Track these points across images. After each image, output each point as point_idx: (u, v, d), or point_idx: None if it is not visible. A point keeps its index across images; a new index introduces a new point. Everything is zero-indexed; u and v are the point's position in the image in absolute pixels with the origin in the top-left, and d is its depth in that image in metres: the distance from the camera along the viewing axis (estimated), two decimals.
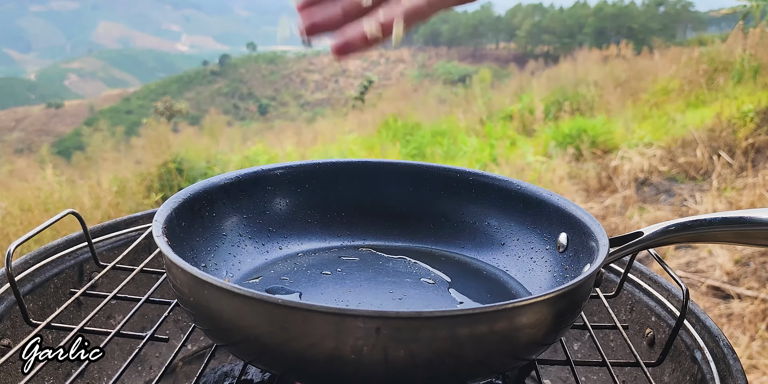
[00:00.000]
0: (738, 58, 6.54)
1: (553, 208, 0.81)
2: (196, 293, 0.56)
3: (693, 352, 0.75)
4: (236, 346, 0.57)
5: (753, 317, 2.45)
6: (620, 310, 0.92)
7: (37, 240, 2.88)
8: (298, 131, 10.14)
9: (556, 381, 0.98)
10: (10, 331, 0.76)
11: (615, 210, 3.90)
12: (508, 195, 0.87)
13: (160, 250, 0.61)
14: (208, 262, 0.77)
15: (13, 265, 0.77)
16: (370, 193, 0.93)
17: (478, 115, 7.64)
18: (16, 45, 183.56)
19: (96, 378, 0.89)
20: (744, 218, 0.68)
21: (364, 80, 28.39)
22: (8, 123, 52.72)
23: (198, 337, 1.05)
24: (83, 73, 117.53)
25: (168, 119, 18.19)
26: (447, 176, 0.92)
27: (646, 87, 7.42)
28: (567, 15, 67.03)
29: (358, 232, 0.93)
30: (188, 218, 0.75)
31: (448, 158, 5.81)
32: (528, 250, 0.84)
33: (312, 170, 0.91)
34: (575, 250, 0.75)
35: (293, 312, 0.50)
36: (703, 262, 2.96)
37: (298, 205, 0.90)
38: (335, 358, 0.52)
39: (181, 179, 4.83)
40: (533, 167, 4.81)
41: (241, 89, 66.35)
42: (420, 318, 0.50)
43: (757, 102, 4.98)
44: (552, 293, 0.55)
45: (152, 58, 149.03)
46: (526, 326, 0.54)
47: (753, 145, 4.38)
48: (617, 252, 0.70)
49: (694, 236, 0.70)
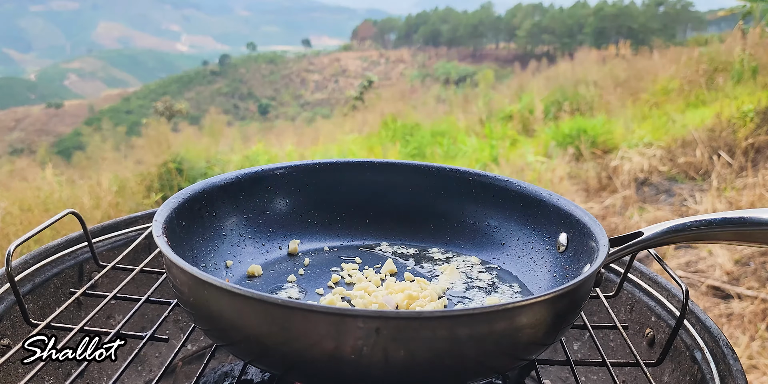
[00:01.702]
0: (737, 58, 6.54)
1: (553, 208, 0.81)
2: (196, 293, 0.56)
3: (693, 352, 0.75)
4: (236, 346, 0.57)
5: (753, 317, 2.44)
6: (620, 310, 0.92)
7: (37, 240, 2.88)
8: (298, 131, 10.15)
9: (556, 381, 0.98)
10: (10, 331, 0.76)
11: (615, 210, 3.90)
12: (508, 195, 0.87)
13: (160, 250, 0.61)
14: (208, 262, 0.77)
15: (13, 265, 0.77)
16: (370, 193, 0.93)
17: (478, 115, 7.64)
18: (16, 45, 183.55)
19: (96, 378, 0.89)
20: (744, 218, 0.68)
21: (364, 80, 28.37)
22: (8, 123, 52.70)
23: (198, 337, 1.04)
24: (83, 73, 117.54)
25: (168, 119, 18.18)
26: (447, 176, 0.92)
27: (646, 87, 7.41)
28: (567, 15, 67.03)
29: (358, 232, 0.93)
30: (188, 218, 0.75)
31: (448, 158, 5.81)
32: (528, 250, 0.84)
33: (312, 170, 0.91)
34: (575, 250, 0.75)
35: (293, 312, 0.50)
36: (703, 262, 2.96)
37: (298, 205, 0.91)
38: (335, 358, 0.52)
39: (181, 179, 4.83)
40: (533, 167, 4.81)
41: (241, 89, 66.35)
42: (420, 318, 0.50)
43: (756, 102, 4.98)
44: (552, 293, 0.55)
45: (152, 58, 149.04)
46: (526, 326, 0.54)
47: (753, 145, 4.38)
48: (617, 252, 0.70)
49: (694, 236, 0.70)
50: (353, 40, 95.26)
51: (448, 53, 71.14)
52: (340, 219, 0.93)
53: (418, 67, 63.66)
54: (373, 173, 0.93)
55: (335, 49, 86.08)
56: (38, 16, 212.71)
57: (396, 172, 0.93)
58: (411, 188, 0.93)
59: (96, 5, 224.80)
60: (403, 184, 0.93)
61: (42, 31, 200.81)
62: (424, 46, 78.48)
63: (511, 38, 75.28)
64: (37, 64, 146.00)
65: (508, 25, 76.33)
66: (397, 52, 73.47)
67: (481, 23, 79.54)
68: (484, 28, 79.68)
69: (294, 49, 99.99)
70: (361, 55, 72.75)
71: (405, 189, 0.93)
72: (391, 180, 0.93)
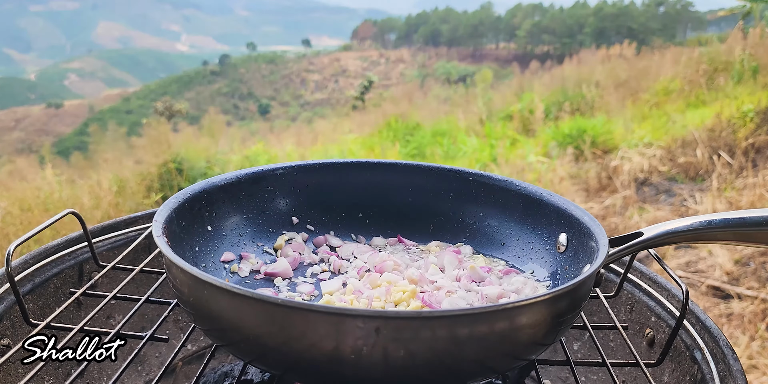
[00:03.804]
0: (738, 58, 6.54)
1: (553, 209, 0.81)
2: (196, 293, 0.56)
3: (693, 352, 0.75)
4: (236, 346, 0.57)
5: (753, 317, 2.44)
6: (620, 310, 0.92)
7: (37, 240, 2.88)
8: (298, 131, 10.14)
9: (556, 381, 0.98)
10: (10, 331, 0.76)
11: (615, 210, 3.90)
12: (508, 195, 0.87)
13: (160, 250, 0.61)
14: (208, 262, 0.77)
15: (13, 265, 0.77)
16: (370, 193, 0.93)
17: (478, 115, 7.63)
18: (16, 45, 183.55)
19: (96, 378, 0.89)
20: (745, 219, 0.68)
21: (364, 80, 28.37)
22: (8, 123, 52.71)
23: (198, 337, 1.04)
24: (83, 73, 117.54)
25: (168, 119, 18.19)
26: (447, 176, 0.92)
27: (647, 87, 7.41)
28: (567, 15, 67.04)
29: (359, 233, 0.93)
30: (188, 218, 0.75)
31: (448, 158, 5.81)
32: (528, 250, 0.84)
33: (312, 170, 0.91)
34: (575, 251, 0.75)
35: (293, 312, 0.50)
36: (703, 262, 2.96)
37: (298, 205, 0.90)
38: (335, 358, 0.51)
39: (181, 179, 4.83)
40: (533, 167, 4.81)
41: (241, 89, 66.33)
42: (419, 318, 0.50)
43: (757, 102, 4.98)
44: (551, 293, 0.54)
45: (152, 58, 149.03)
46: (526, 326, 0.54)
47: (753, 145, 4.38)
48: (617, 253, 0.70)
49: (694, 236, 0.70)
50: (353, 40, 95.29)
51: (448, 53, 71.15)
52: (340, 219, 0.93)
53: (418, 67, 63.65)
54: (374, 173, 0.93)
55: (335, 49, 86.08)
56: (38, 16, 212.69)
57: (396, 173, 0.93)
58: (411, 188, 0.93)
59: (96, 5, 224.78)
60: (403, 184, 0.93)
61: (42, 31, 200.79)
62: (424, 46, 78.49)
63: (511, 38, 75.33)
64: (37, 64, 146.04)
65: (508, 25, 76.38)
66: (397, 52, 73.47)
67: (481, 23, 79.58)
68: (484, 28, 79.72)
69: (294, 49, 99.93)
70: (361, 55, 72.74)
71: (405, 189, 0.93)
72: (391, 180, 0.93)
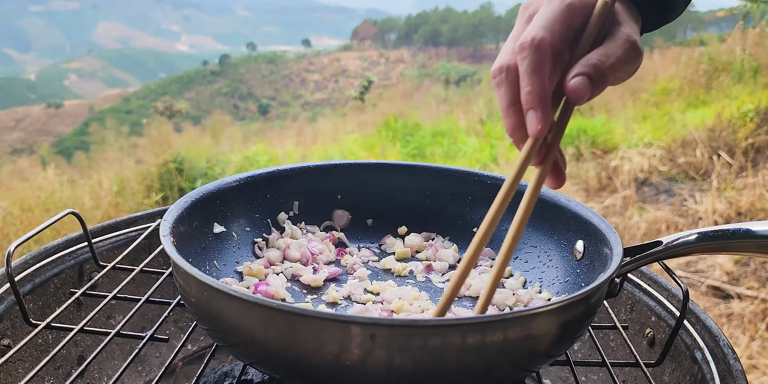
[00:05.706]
0: (738, 58, 6.55)
1: (570, 215, 0.77)
2: (197, 294, 0.56)
3: (693, 352, 0.75)
4: (235, 348, 0.57)
5: (753, 317, 2.45)
6: (620, 310, 0.92)
7: (37, 240, 2.88)
8: (298, 131, 10.14)
9: (556, 381, 0.98)
10: (10, 331, 0.76)
11: (615, 210, 3.90)
12: None
13: (164, 250, 0.61)
14: (215, 263, 0.77)
15: (13, 265, 0.77)
16: (384, 195, 0.92)
17: (478, 115, 7.63)
18: (16, 45, 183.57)
19: (96, 378, 0.89)
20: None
21: (364, 80, 28.37)
22: (8, 123, 52.74)
23: (198, 337, 1.04)
24: (83, 73, 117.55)
25: (168, 119, 18.19)
26: (463, 179, 0.89)
27: (647, 87, 7.41)
28: None
29: (363, 236, 0.92)
30: (199, 218, 0.75)
31: (448, 158, 5.81)
32: (544, 257, 0.82)
33: (325, 171, 0.90)
34: (591, 259, 0.73)
35: (288, 317, 0.50)
36: (703, 261, 2.96)
37: (308, 206, 0.90)
38: (333, 363, 0.51)
39: (182, 179, 4.83)
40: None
41: (241, 89, 66.34)
42: (413, 326, 0.49)
43: (757, 102, 4.98)
44: (557, 304, 0.52)
45: (152, 58, 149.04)
46: (527, 337, 0.52)
47: (753, 145, 4.38)
48: (633, 261, 0.67)
49: (715, 247, 0.65)
50: (353, 40, 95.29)
51: (448, 53, 71.15)
52: (352, 220, 0.92)
53: (418, 67, 63.66)
54: (388, 175, 0.92)
55: (335, 49, 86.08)
56: (38, 16, 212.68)
57: (412, 175, 0.91)
58: (428, 191, 0.91)
59: (96, 5, 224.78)
60: (419, 186, 0.91)
61: (42, 31, 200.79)
62: (424, 46, 78.51)
63: None
64: (37, 64, 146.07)
65: (508, 25, 76.29)
66: (397, 52, 73.48)
67: (481, 23, 79.58)
68: (484, 28, 79.72)
69: (294, 49, 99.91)
70: (361, 55, 72.75)
71: (422, 192, 0.91)
72: (406, 182, 0.91)
